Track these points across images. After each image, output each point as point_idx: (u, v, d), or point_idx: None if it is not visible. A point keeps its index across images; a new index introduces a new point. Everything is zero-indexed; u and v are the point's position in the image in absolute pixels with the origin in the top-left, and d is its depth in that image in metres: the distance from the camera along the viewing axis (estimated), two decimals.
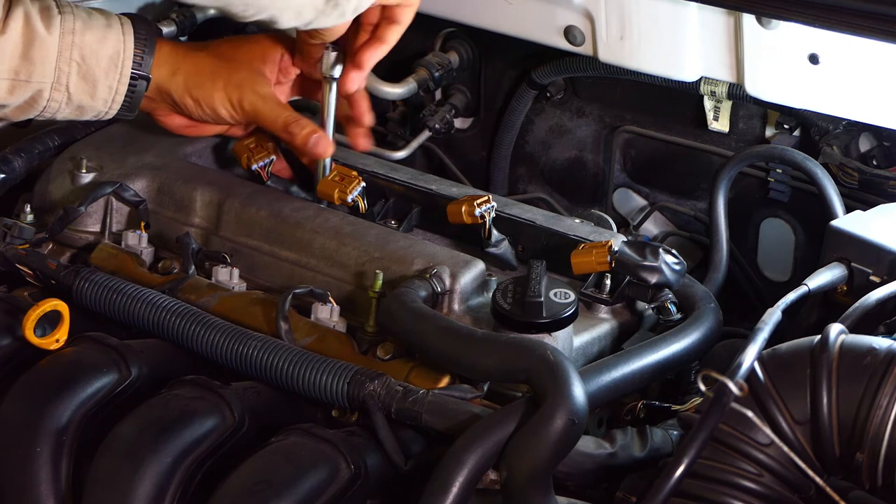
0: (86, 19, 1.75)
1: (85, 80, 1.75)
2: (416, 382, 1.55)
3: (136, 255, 1.78)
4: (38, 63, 1.72)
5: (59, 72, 1.73)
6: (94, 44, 1.75)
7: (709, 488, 1.38)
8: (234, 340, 1.58)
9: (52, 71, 1.73)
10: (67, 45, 1.73)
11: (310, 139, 1.85)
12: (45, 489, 1.50)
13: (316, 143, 1.85)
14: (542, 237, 1.82)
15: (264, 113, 1.85)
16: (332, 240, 1.75)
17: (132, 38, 1.78)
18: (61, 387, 1.54)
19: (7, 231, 1.77)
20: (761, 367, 1.40)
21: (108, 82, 1.77)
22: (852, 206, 1.87)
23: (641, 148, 2.23)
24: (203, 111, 1.85)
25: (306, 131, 1.85)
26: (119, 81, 1.77)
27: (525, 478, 1.38)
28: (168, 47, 1.84)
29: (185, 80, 1.84)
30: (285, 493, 1.41)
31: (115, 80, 1.77)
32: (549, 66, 2.20)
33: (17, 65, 1.71)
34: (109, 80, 1.77)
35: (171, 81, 1.83)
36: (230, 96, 1.84)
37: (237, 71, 1.86)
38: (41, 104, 1.75)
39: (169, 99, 1.85)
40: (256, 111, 1.85)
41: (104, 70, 1.76)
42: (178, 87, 1.84)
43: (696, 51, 1.98)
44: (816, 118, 1.99)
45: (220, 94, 1.84)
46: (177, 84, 1.83)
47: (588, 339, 1.71)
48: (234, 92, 1.84)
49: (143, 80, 1.79)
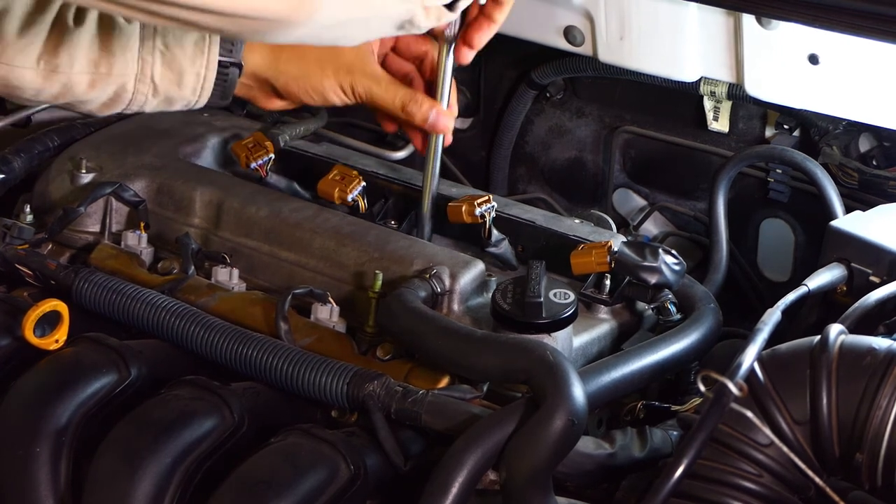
0: None
1: (170, 69, 1.68)
2: (416, 383, 1.55)
3: (135, 255, 1.78)
4: (119, 54, 1.65)
5: (142, 62, 1.66)
6: (177, 29, 1.67)
7: (708, 489, 1.37)
8: (233, 341, 1.58)
9: (134, 62, 1.66)
10: (149, 34, 1.66)
11: (430, 115, 1.78)
12: (44, 490, 1.50)
13: (436, 120, 1.79)
14: (542, 237, 1.82)
15: (379, 95, 1.77)
16: (331, 240, 1.75)
17: None
18: (61, 387, 1.54)
19: (7, 231, 1.76)
20: (761, 367, 1.39)
21: (195, 69, 1.69)
22: (852, 206, 1.87)
23: (641, 148, 2.23)
24: (312, 98, 1.78)
25: (425, 107, 1.78)
26: (207, 68, 1.70)
27: (524, 478, 1.38)
28: None
29: (287, 69, 1.76)
30: (285, 494, 1.41)
31: (203, 67, 1.69)
32: (549, 66, 2.20)
33: (97, 57, 1.65)
34: (196, 66, 1.69)
35: (272, 70, 1.76)
36: (341, 82, 1.77)
37: (342, 54, 1.77)
38: (126, 98, 1.69)
39: (268, 86, 1.78)
40: (371, 94, 1.78)
41: (190, 57, 1.68)
42: (281, 76, 1.76)
43: (696, 51, 1.98)
44: (816, 118, 1.99)
45: (329, 82, 1.76)
46: (278, 73, 1.76)
47: (588, 339, 1.71)
48: (346, 77, 1.76)
49: (234, 68, 1.72)
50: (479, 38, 1.78)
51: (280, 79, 1.76)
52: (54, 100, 1.70)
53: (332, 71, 1.76)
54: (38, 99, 1.70)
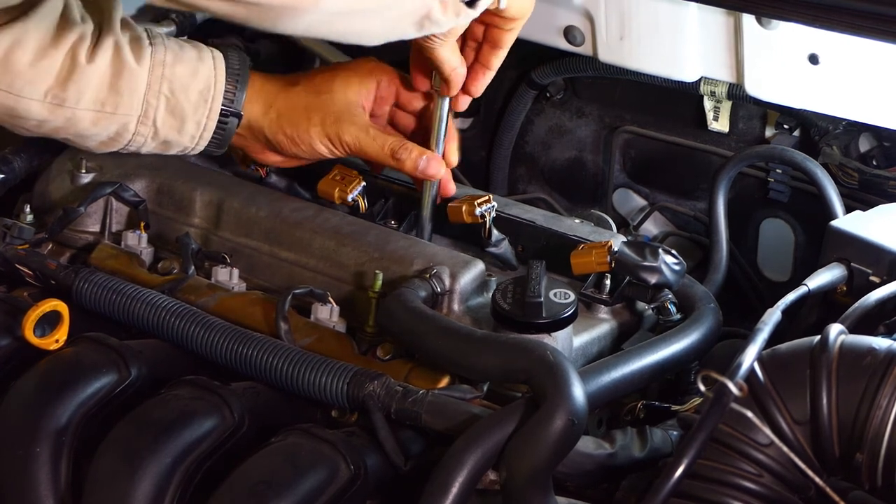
0: (177, 51, 1.71)
1: (173, 115, 1.71)
2: (416, 383, 1.55)
3: (135, 255, 1.78)
4: (126, 95, 1.69)
5: (146, 105, 1.70)
6: (184, 77, 1.70)
7: (708, 489, 1.37)
8: (233, 341, 1.58)
9: (139, 104, 1.69)
10: (157, 78, 1.69)
11: (419, 162, 1.77)
12: (44, 490, 1.50)
13: (427, 165, 1.78)
14: (542, 237, 1.82)
15: (367, 144, 1.77)
16: (331, 240, 1.75)
17: (224, 73, 1.73)
18: (61, 387, 1.54)
19: (7, 231, 1.76)
20: (761, 367, 1.39)
21: (196, 118, 1.72)
22: (852, 206, 1.87)
23: (641, 148, 2.23)
24: (299, 148, 1.78)
25: (415, 154, 1.77)
26: (208, 117, 1.73)
27: (525, 478, 1.38)
28: (260, 82, 1.78)
29: (278, 118, 1.77)
30: (285, 494, 1.41)
31: (205, 116, 1.72)
32: (549, 66, 2.20)
33: (104, 96, 1.68)
34: (198, 115, 1.72)
35: (264, 119, 1.77)
36: (328, 132, 1.76)
37: (332, 104, 1.78)
38: (126, 138, 1.72)
39: (262, 136, 1.79)
40: (359, 144, 1.77)
41: (193, 105, 1.71)
42: (272, 125, 1.77)
43: (696, 51, 1.98)
44: (816, 118, 1.99)
45: (316, 130, 1.77)
46: (270, 121, 1.77)
47: (588, 339, 1.71)
48: (332, 127, 1.76)
49: (234, 118, 1.74)
50: (476, 86, 1.78)
51: (271, 128, 1.78)
52: (55, 133, 1.73)
53: (320, 119, 1.77)
54: (38, 130, 1.73)
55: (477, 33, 1.75)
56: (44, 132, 1.73)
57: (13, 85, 1.66)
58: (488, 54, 1.75)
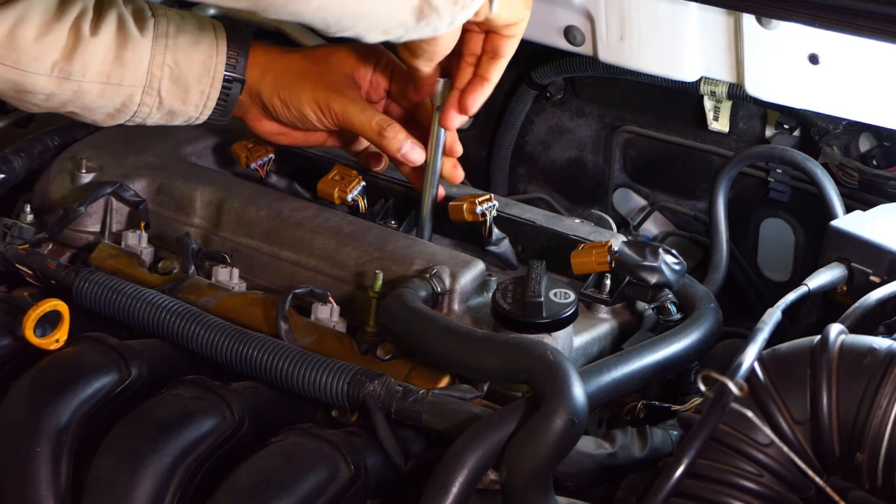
0: (179, 22, 1.74)
1: (177, 85, 1.73)
2: (416, 382, 1.55)
3: (135, 255, 1.78)
4: (131, 66, 1.71)
5: (150, 76, 1.72)
6: (187, 47, 1.73)
7: (709, 488, 1.38)
8: (234, 340, 1.58)
9: (143, 75, 1.72)
10: (160, 49, 1.71)
11: (403, 144, 1.78)
12: (44, 489, 1.50)
13: (410, 150, 1.79)
14: (542, 237, 1.82)
15: (354, 115, 1.78)
16: (331, 240, 1.75)
17: (225, 42, 1.75)
18: (61, 387, 1.54)
19: (7, 231, 1.76)
20: (761, 367, 1.40)
21: (200, 87, 1.75)
22: (852, 206, 1.87)
23: (641, 148, 2.23)
24: (290, 113, 1.80)
25: (401, 136, 1.78)
26: (211, 86, 1.75)
27: (525, 478, 1.38)
28: (261, 49, 1.80)
29: (274, 81, 1.79)
30: (285, 494, 1.41)
31: (208, 85, 1.75)
32: (549, 66, 2.20)
33: (109, 68, 1.70)
34: (202, 84, 1.74)
35: (262, 82, 1.79)
36: (318, 98, 1.78)
37: (327, 73, 1.80)
38: (132, 109, 1.74)
39: (259, 101, 1.81)
40: (346, 114, 1.78)
41: (197, 74, 1.74)
42: (268, 88, 1.80)
43: (696, 51, 1.98)
44: (816, 118, 1.99)
45: (307, 95, 1.79)
46: (266, 84, 1.79)
47: (588, 339, 1.71)
48: (322, 94, 1.78)
49: (237, 83, 1.77)
50: (474, 102, 1.76)
51: (267, 91, 1.80)
52: (62, 106, 1.74)
53: (312, 86, 1.79)
54: (46, 105, 1.74)
55: (475, 47, 1.75)
56: (51, 106, 1.74)
57: (19, 61, 1.67)
58: (487, 65, 1.75)
